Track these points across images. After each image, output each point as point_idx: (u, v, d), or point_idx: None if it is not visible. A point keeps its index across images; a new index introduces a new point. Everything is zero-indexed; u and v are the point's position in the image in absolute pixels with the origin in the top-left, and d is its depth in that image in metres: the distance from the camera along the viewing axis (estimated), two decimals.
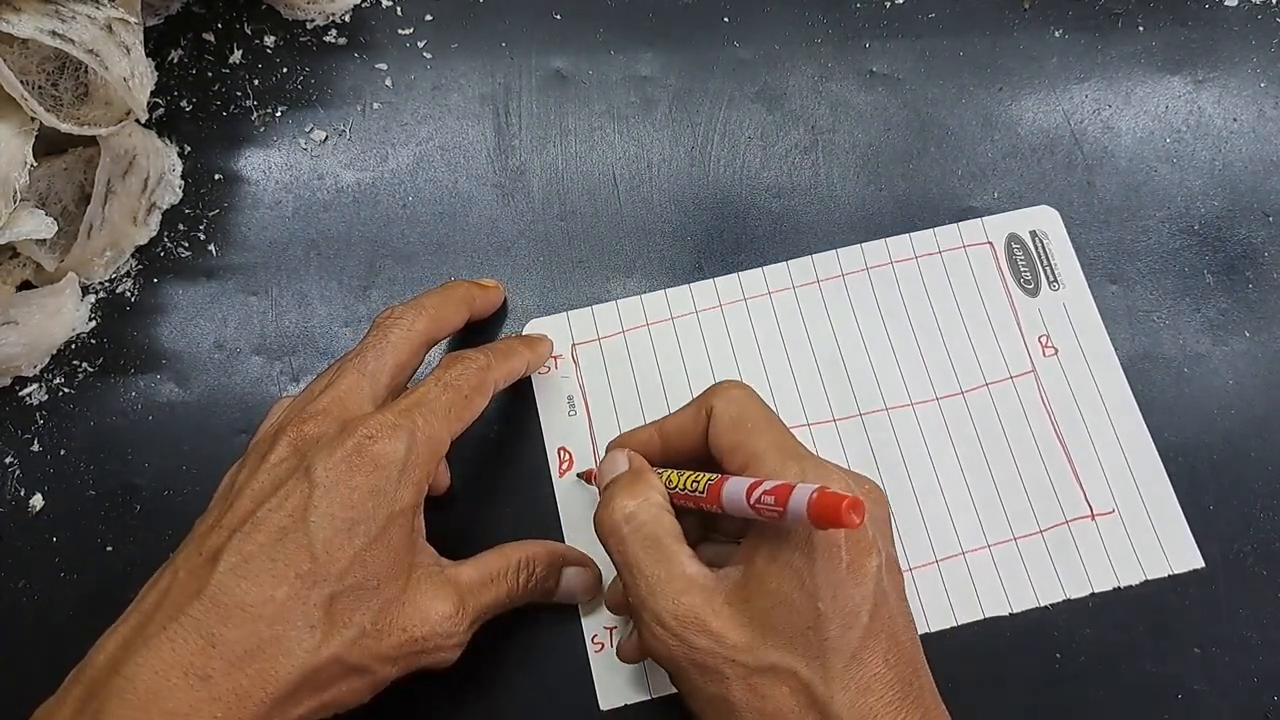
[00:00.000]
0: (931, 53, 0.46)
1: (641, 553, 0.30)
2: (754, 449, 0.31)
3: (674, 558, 0.30)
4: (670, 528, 0.31)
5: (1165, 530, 0.39)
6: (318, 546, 0.29)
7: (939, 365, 0.41)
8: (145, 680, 0.27)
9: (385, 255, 0.44)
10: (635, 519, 0.31)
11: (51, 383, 0.42)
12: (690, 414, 0.34)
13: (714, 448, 0.33)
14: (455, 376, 0.34)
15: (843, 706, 0.27)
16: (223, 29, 0.47)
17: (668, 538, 0.31)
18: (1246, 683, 0.37)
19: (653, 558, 0.30)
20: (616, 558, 0.31)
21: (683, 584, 0.30)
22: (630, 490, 0.32)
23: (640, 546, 0.31)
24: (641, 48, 0.47)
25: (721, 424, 0.32)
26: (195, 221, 0.45)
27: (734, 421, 0.32)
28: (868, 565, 0.29)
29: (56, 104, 0.39)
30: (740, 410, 0.32)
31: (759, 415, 0.32)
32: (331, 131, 0.46)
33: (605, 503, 0.32)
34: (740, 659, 0.28)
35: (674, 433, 0.34)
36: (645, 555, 0.30)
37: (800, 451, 0.31)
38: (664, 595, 0.29)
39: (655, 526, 0.31)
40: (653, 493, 0.32)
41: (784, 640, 0.28)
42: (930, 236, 0.43)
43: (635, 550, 0.30)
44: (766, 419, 0.32)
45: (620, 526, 0.31)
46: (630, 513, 0.31)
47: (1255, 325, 0.42)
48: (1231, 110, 0.45)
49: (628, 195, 0.45)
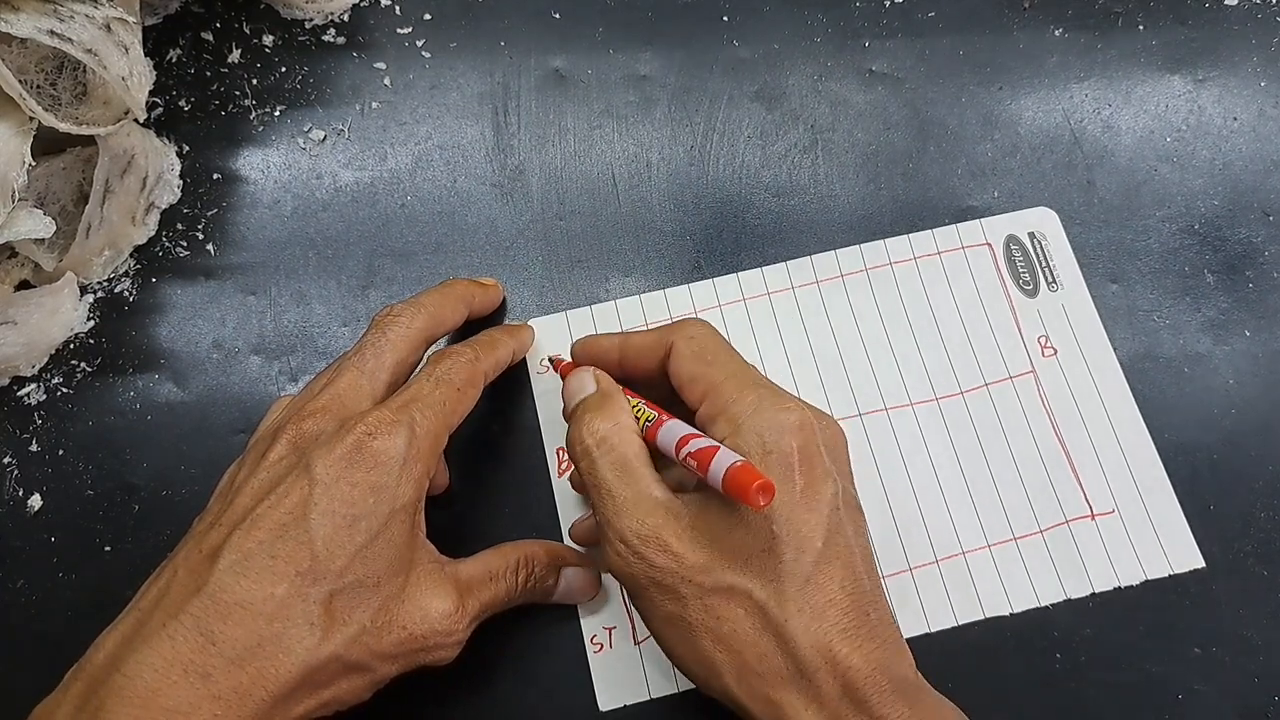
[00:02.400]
0: (931, 52, 0.46)
1: (611, 474, 0.31)
2: (713, 379, 0.32)
3: (641, 480, 0.31)
4: (639, 451, 0.32)
5: (1165, 530, 0.39)
6: (318, 543, 0.29)
7: (938, 366, 0.41)
8: (145, 678, 0.27)
9: (384, 255, 0.44)
10: (606, 441, 0.32)
11: (50, 382, 0.42)
12: (652, 341, 0.35)
13: (673, 378, 0.34)
14: (446, 371, 0.34)
15: (797, 629, 0.28)
16: (221, 28, 0.47)
17: (636, 460, 0.32)
18: (1247, 683, 0.37)
19: (621, 479, 0.31)
20: (587, 477, 0.32)
21: (648, 505, 0.31)
22: (601, 411, 0.33)
23: (609, 468, 0.31)
24: (640, 47, 0.47)
25: (682, 357, 0.33)
26: (194, 221, 0.45)
27: (694, 355, 0.33)
28: (822, 492, 0.30)
29: (55, 103, 0.39)
30: (701, 345, 0.34)
31: (718, 348, 0.34)
32: (330, 131, 0.46)
33: (576, 421, 0.33)
34: (697, 579, 0.29)
35: (634, 353, 0.35)
36: (614, 476, 0.31)
37: (758, 379, 0.32)
38: (629, 515, 0.30)
39: (625, 449, 0.32)
40: (623, 415, 0.33)
41: (740, 562, 0.29)
42: (929, 238, 0.43)
43: (605, 471, 0.31)
44: (726, 351, 0.34)
45: (592, 448, 0.32)
46: (602, 435, 0.32)
47: (1255, 325, 0.42)
48: (1232, 109, 0.45)
49: (627, 195, 0.45)
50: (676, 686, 0.37)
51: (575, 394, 0.35)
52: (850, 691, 0.28)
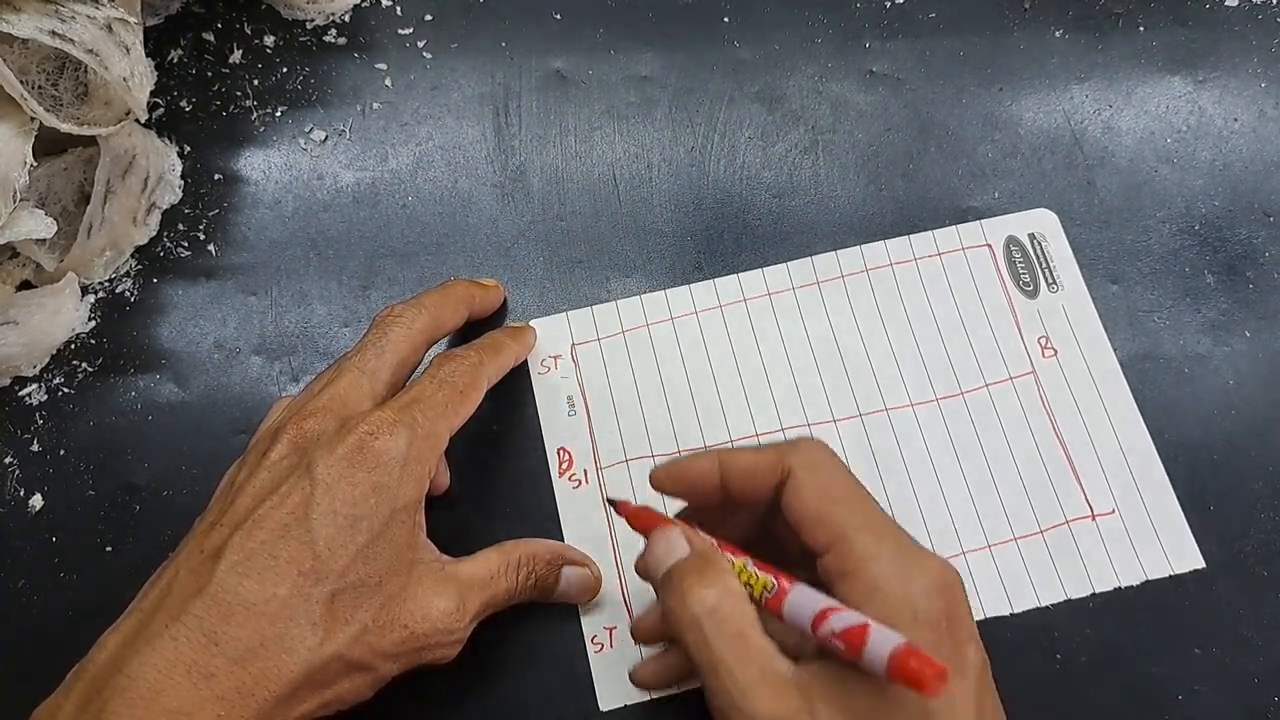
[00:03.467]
0: (932, 53, 0.46)
1: (728, 652, 0.27)
2: (843, 528, 0.28)
3: (763, 655, 0.27)
4: (754, 621, 0.28)
5: (1165, 530, 0.39)
6: (320, 544, 0.29)
7: (939, 366, 0.41)
8: (148, 679, 0.27)
9: (385, 255, 0.44)
10: (718, 613, 0.28)
11: (51, 383, 0.42)
12: (766, 461, 0.30)
13: (792, 513, 0.30)
14: (449, 373, 0.34)
15: None
16: (222, 29, 0.47)
17: (753, 632, 0.28)
18: (1247, 683, 0.37)
19: (740, 657, 0.27)
20: (697, 655, 0.28)
21: (778, 685, 0.27)
22: (705, 578, 0.28)
23: (726, 644, 0.27)
24: (641, 48, 0.47)
25: (806, 491, 0.29)
26: (195, 221, 0.45)
27: (820, 491, 0.29)
28: (970, 658, 0.27)
29: (56, 104, 0.39)
30: (827, 479, 0.30)
31: (846, 486, 0.30)
32: (331, 131, 0.46)
33: (675, 590, 0.29)
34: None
35: (740, 476, 0.31)
36: (732, 654, 0.27)
37: (890, 527, 0.29)
38: (758, 698, 0.27)
39: (740, 621, 0.28)
40: (730, 579, 0.29)
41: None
42: (929, 239, 0.43)
43: (721, 648, 0.27)
44: (855, 492, 0.30)
45: (701, 622, 0.28)
46: (711, 607, 0.28)
47: (1256, 325, 0.42)
48: (1232, 110, 0.45)
49: (627, 195, 0.45)
50: (677, 687, 0.37)
51: (664, 558, 0.30)
52: None
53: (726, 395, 0.41)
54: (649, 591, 0.38)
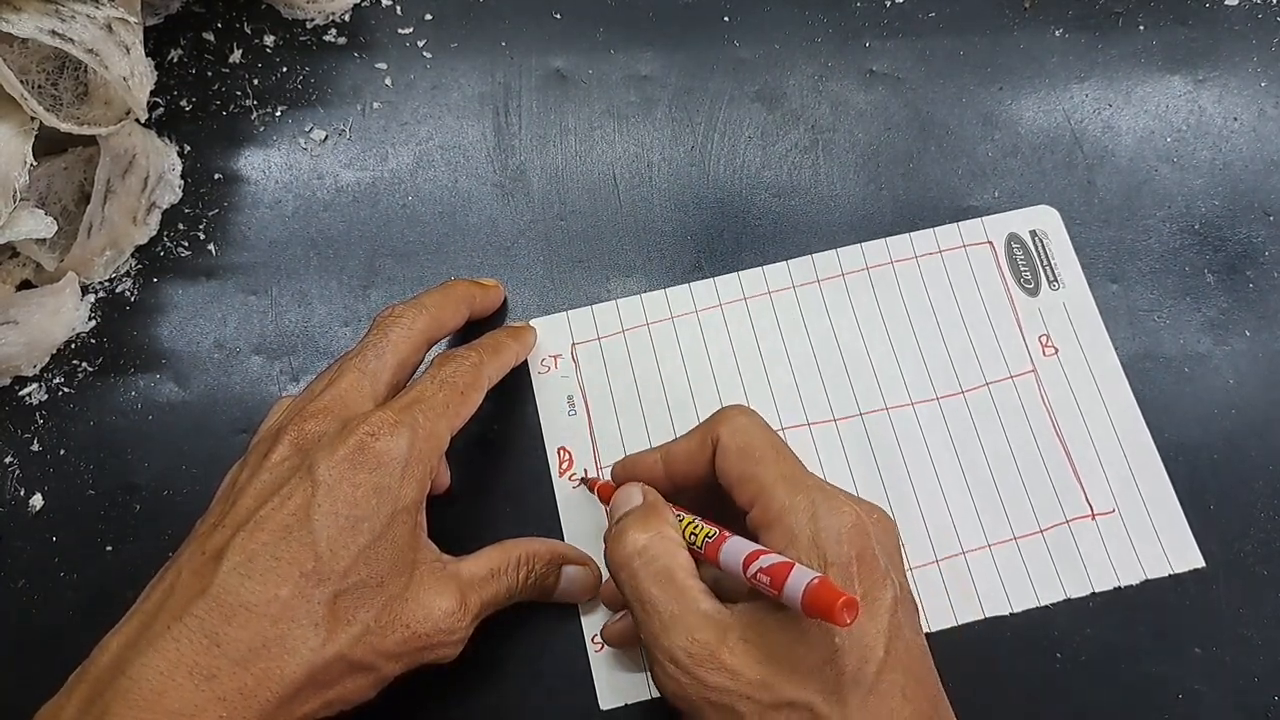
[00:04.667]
0: (932, 52, 0.46)
1: (654, 588, 0.30)
2: (763, 481, 0.31)
3: (687, 593, 0.30)
4: (684, 562, 0.30)
5: (1165, 530, 0.39)
6: (321, 545, 0.29)
7: (939, 364, 0.41)
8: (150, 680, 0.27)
9: (385, 255, 0.44)
10: (647, 552, 0.30)
11: (51, 382, 0.42)
12: (696, 441, 0.33)
13: (721, 477, 0.32)
14: (450, 374, 0.34)
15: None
16: (222, 28, 0.47)
17: (681, 572, 0.30)
18: (1247, 682, 0.37)
19: (666, 593, 0.30)
20: (628, 592, 0.30)
21: (696, 620, 0.29)
22: (643, 523, 0.31)
23: (652, 581, 0.30)
24: (641, 47, 0.47)
25: (729, 454, 0.32)
26: (195, 221, 0.45)
27: (741, 451, 0.32)
28: (882, 598, 0.28)
29: (56, 103, 0.39)
30: (747, 439, 0.32)
31: (766, 443, 0.32)
32: (331, 131, 0.46)
33: (617, 535, 0.31)
34: (756, 696, 0.28)
35: (679, 460, 0.34)
36: (658, 590, 0.30)
37: (808, 481, 0.31)
38: (677, 632, 0.29)
39: (669, 560, 0.30)
40: (666, 526, 0.31)
41: (800, 676, 0.28)
42: (930, 236, 0.43)
43: (647, 585, 0.30)
44: (774, 447, 0.32)
45: (632, 559, 0.30)
46: (642, 546, 0.30)
47: (1256, 324, 0.42)
48: (1232, 109, 0.45)
49: (628, 195, 0.45)
50: None
51: (618, 510, 0.33)
52: None
53: (726, 394, 0.41)
54: None
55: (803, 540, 0.29)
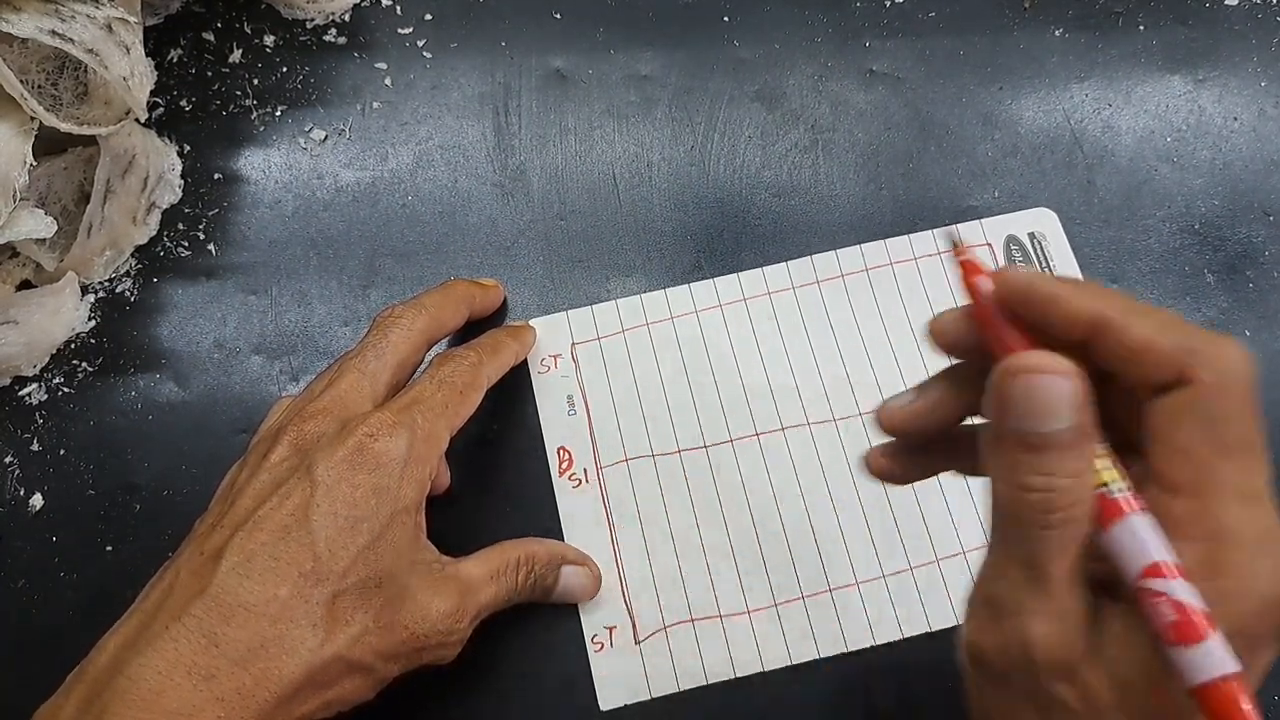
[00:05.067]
0: (932, 52, 0.46)
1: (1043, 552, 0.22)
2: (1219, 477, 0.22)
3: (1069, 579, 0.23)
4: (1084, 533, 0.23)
5: None
6: (320, 545, 0.29)
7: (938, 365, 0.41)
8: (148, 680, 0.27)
9: (385, 254, 0.44)
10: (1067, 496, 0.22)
11: (51, 382, 0.42)
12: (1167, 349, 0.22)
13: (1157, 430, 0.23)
14: (449, 374, 0.34)
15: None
16: (222, 28, 0.47)
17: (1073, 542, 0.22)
18: None
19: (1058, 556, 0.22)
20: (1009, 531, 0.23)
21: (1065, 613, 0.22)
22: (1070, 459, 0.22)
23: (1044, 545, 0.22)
24: (641, 47, 0.47)
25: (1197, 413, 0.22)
26: (195, 221, 0.45)
27: (1217, 420, 0.22)
28: None
29: (56, 103, 0.39)
30: (1228, 408, 0.22)
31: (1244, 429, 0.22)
32: (331, 131, 0.46)
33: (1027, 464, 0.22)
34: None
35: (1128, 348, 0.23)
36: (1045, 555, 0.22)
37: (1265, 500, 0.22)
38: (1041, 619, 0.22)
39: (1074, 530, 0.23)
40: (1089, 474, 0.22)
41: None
42: (929, 238, 0.43)
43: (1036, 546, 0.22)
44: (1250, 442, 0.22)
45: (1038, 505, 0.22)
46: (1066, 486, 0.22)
47: (1256, 324, 0.42)
48: (1232, 109, 0.45)
49: (627, 195, 0.45)
50: (677, 686, 0.37)
51: (1038, 410, 0.22)
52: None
53: (726, 394, 0.41)
54: (650, 589, 0.38)
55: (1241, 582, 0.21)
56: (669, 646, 0.38)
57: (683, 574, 0.38)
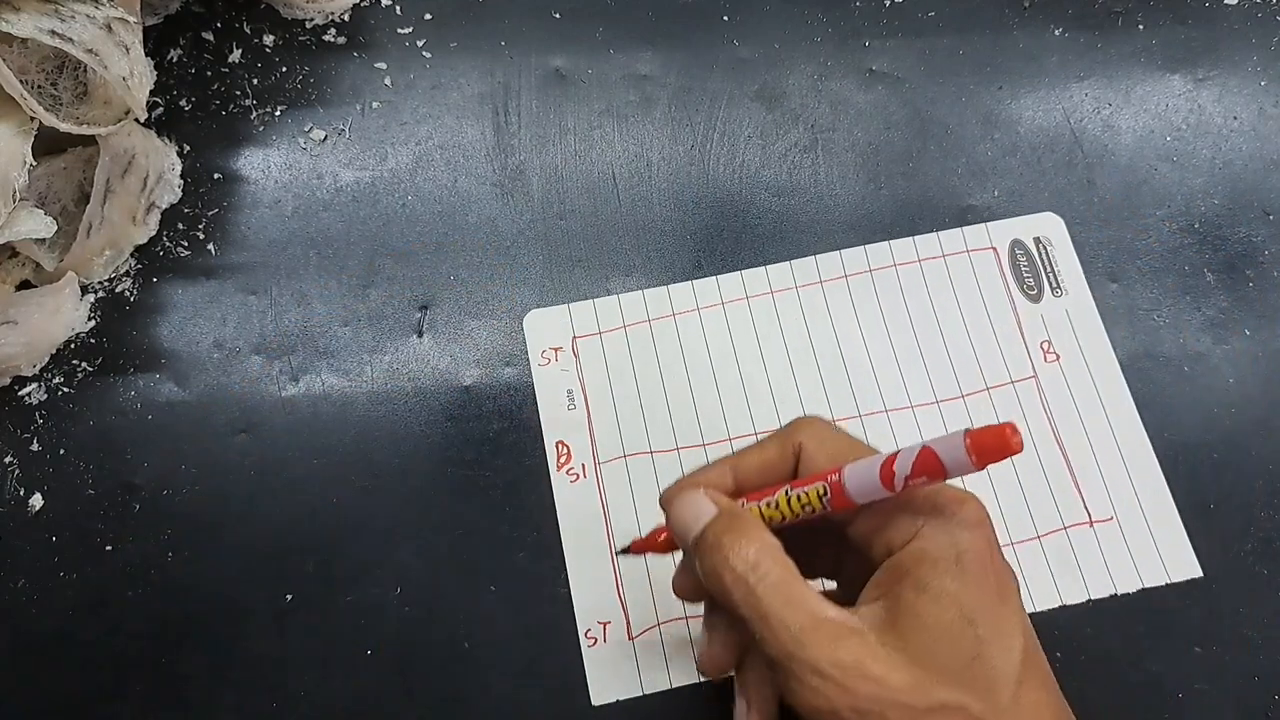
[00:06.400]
0: (931, 51, 0.46)
1: (778, 601, 0.27)
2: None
3: (812, 600, 0.27)
4: (795, 570, 0.28)
5: (1163, 539, 0.39)
6: None
7: (940, 368, 0.41)
8: None
9: (385, 254, 0.44)
10: (760, 566, 0.27)
11: (51, 382, 0.42)
12: (773, 451, 0.31)
13: None
14: None
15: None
16: (222, 28, 0.47)
17: (797, 581, 0.27)
18: (1247, 682, 0.37)
19: (791, 604, 0.27)
20: (747, 610, 0.27)
21: (832, 629, 0.27)
22: (739, 532, 0.28)
23: (774, 593, 0.27)
24: (641, 46, 0.47)
25: (817, 459, 0.30)
26: (194, 221, 0.45)
27: (831, 455, 0.29)
28: (1010, 586, 0.27)
29: (56, 103, 0.39)
30: (835, 445, 0.30)
31: (855, 448, 0.30)
32: (331, 131, 0.46)
33: (713, 550, 0.28)
34: (908, 701, 0.26)
35: (754, 473, 0.31)
36: (783, 603, 0.27)
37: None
38: (816, 644, 0.26)
39: (782, 569, 0.27)
40: (764, 534, 0.28)
41: (949, 675, 0.26)
42: (934, 240, 0.43)
43: (770, 598, 0.27)
44: (865, 450, 0.30)
45: (746, 575, 0.27)
46: (754, 561, 0.27)
47: (1255, 323, 0.42)
48: (1232, 108, 0.45)
49: (627, 194, 0.45)
50: (670, 683, 0.37)
51: (693, 521, 0.29)
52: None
53: (726, 392, 0.41)
54: (644, 585, 0.38)
55: (932, 530, 0.27)
56: (662, 643, 0.38)
57: None
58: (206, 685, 0.37)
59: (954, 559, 0.27)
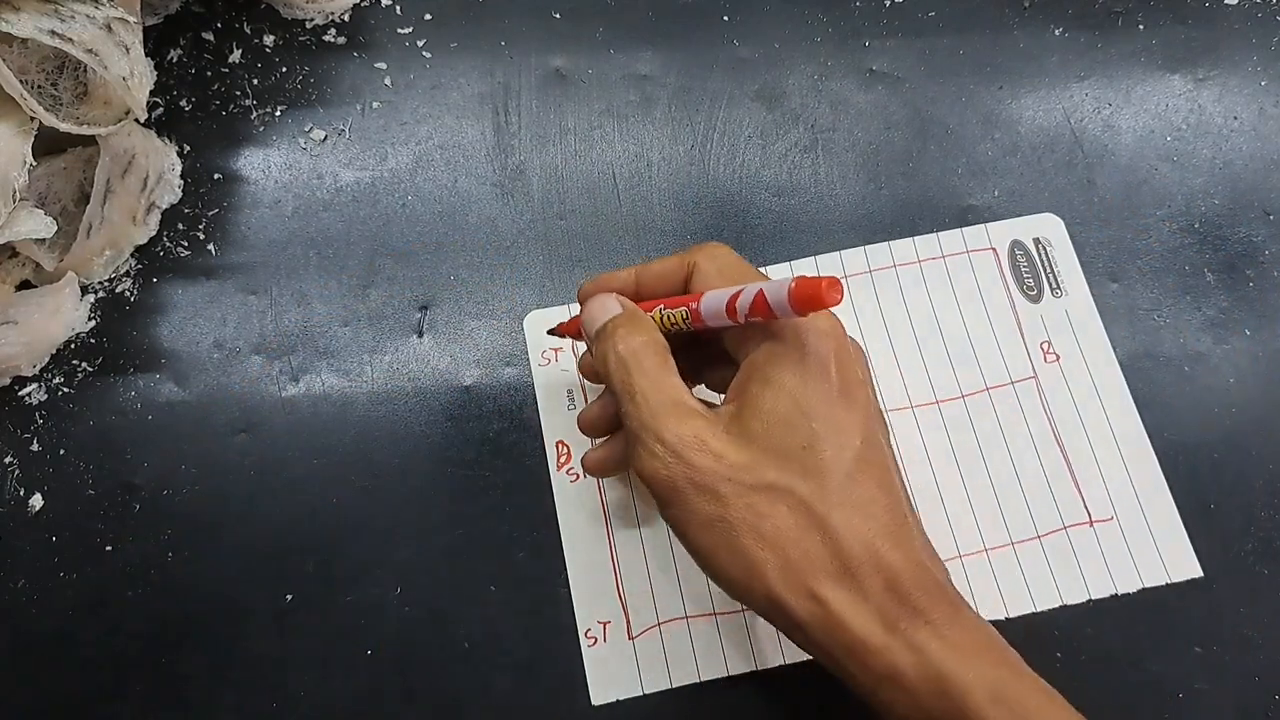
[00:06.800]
0: (931, 51, 0.46)
1: (645, 379, 0.31)
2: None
3: (676, 388, 0.31)
4: (671, 364, 0.32)
5: (1164, 539, 0.39)
6: None
7: (940, 368, 0.41)
8: None
9: (385, 254, 0.44)
10: (639, 352, 0.31)
11: (51, 382, 0.42)
12: (673, 264, 0.34)
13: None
14: None
15: (840, 524, 0.28)
16: (222, 28, 0.47)
17: (669, 371, 0.31)
18: (1248, 681, 0.37)
19: (656, 384, 0.31)
20: (617, 383, 0.31)
21: (684, 410, 0.30)
22: (632, 324, 0.32)
23: (644, 376, 0.31)
24: (641, 46, 0.47)
25: (707, 277, 0.33)
26: (194, 221, 0.45)
27: (720, 273, 0.33)
28: (857, 395, 0.30)
29: (56, 103, 0.39)
30: (724, 262, 0.33)
31: (742, 265, 0.33)
32: (331, 131, 0.46)
33: (606, 335, 0.32)
34: (738, 478, 0.29)
35: (653, 279, 0.34)
36: (649, 382, 0.31)
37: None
38: (667, 415, 0.30)
39: (659, 356, 0.31)
40: (655, 331, 0.32)
41: (781, 459, 0.29)
42: (934, 241, 0.43)
43: (640, 379, 0.31)
44: (750, 268, 0.33)
45: (625, 356, 0.31)
46: (635, 347, 0.31)
47: (1256, 323, 0.42)
48: (1232, 108, 0.45)
49: (627, 194, 0.45)
50: (670, 683, 0.37)
51: (599, 316, 0.34)
52: (894, 587, 0.28)
53: None
54: (644, 585, 0.38)
55: (782, 332, 0.31)
56: (663, 642, 0.38)
57: (678, 571, 0.38)
58: (206, 685, 0.37)
59: (798, 358, 0.30)
